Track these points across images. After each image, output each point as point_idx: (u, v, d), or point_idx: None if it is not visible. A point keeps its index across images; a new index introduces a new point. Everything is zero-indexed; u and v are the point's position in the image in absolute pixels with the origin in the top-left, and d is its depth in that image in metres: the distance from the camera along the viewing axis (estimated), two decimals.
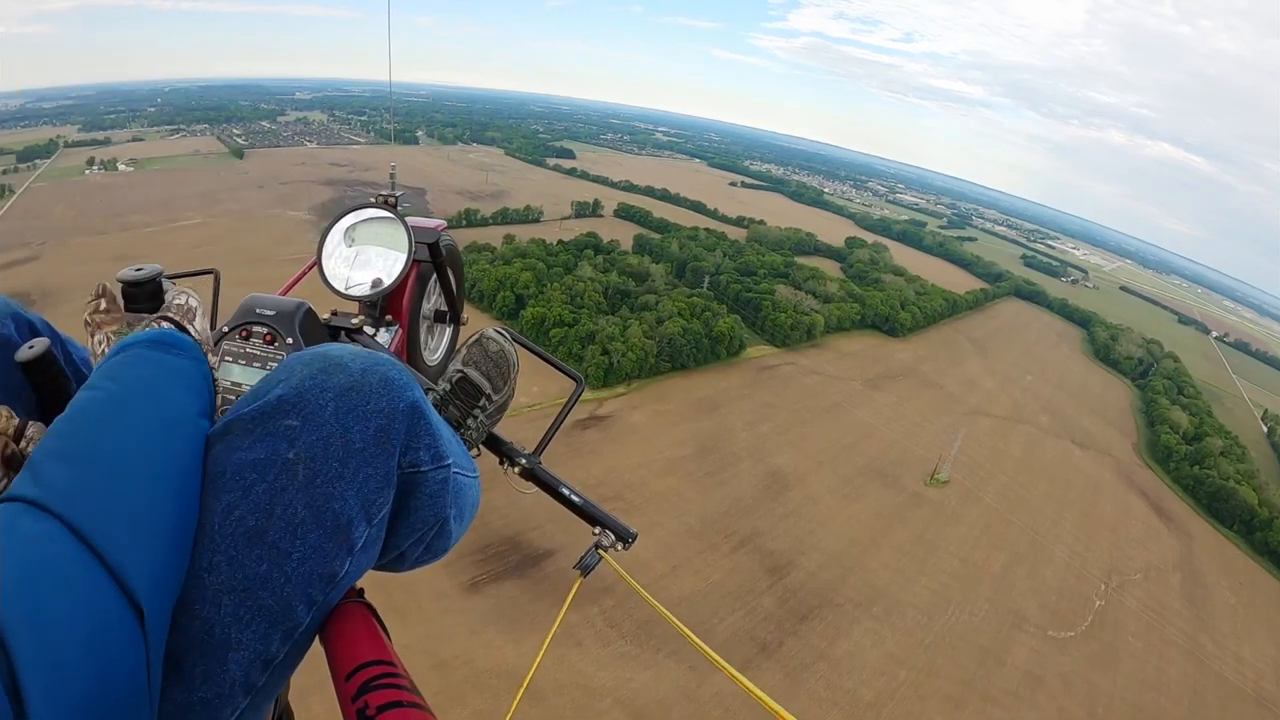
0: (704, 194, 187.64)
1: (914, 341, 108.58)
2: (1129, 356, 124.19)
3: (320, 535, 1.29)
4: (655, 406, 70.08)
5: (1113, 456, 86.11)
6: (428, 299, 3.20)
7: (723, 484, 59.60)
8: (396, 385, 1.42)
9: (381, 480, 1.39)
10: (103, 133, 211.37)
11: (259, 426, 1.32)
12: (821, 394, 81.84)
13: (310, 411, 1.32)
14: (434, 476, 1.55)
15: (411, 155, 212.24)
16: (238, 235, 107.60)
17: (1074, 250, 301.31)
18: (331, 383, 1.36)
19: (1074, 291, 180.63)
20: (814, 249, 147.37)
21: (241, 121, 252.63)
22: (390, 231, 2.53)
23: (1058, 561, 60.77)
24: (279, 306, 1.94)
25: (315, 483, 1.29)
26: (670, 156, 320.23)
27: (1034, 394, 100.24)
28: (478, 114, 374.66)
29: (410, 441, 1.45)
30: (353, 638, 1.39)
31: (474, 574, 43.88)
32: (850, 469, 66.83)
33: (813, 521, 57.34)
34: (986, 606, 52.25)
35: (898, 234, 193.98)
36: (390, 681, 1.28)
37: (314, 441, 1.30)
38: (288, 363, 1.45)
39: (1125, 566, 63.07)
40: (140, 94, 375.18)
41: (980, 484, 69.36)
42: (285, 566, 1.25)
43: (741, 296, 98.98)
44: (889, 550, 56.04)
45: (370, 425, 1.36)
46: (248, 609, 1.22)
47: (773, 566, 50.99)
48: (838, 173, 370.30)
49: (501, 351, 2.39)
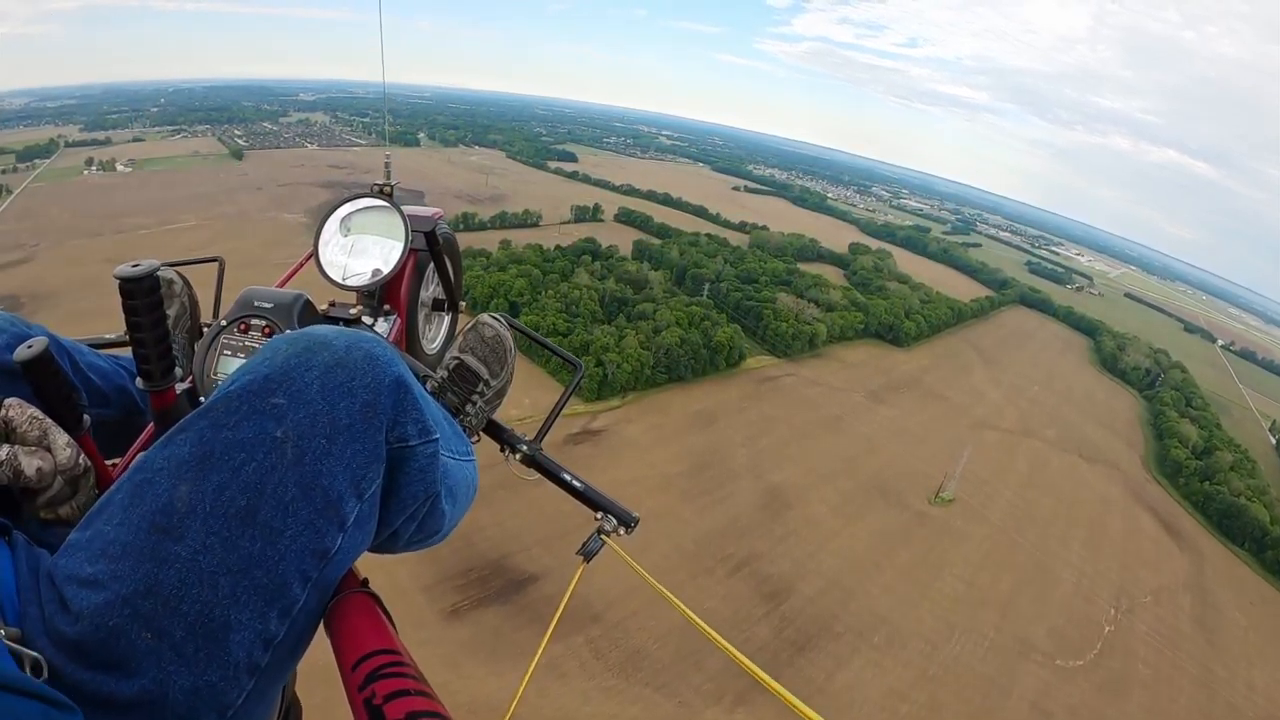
0: (706, 198, 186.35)
1: (918, 351, 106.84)
2: (1136, 366, 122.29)
3: (311, 512, 1.31)
4: (651, 420, 68.27)
5: (1121, 471, 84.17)
6: (425, 287, 3.22)
7: (719, 502, 57.79)
8: (381, 361, 1.44)
9: (369, 455, 1.40)
10: (104, 132, 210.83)
11: (245, 405, 1.33)
12: (823, 406, 79.94)
13: (296, 389, 1.34)
14: (422, 451, 1.56)
15: (412, 157, 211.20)
16: (231, 238, 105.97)
17: (1078, 256, 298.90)
18: (316, 360, 1.38)
19: (1079, 299, 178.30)
20: (817, 255, 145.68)
21: (243, 122, 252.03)
22: (387, 220, 2.57)
23: (1066, 584, 58.91)
24: (277, 299, 2.04)
25: (304, 460, 1.30)
26: (673, 160, 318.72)
27: (1041, 405, 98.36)
28: (481, 116, 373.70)
29: (397, 416, 1.47)
30: (358, 627, 1.41)
31: (455, 600, 41.94)
32: (852, 486, 64.92)
33: (812, 543, 55.44)
34: (992, 634, 50.35)
35: (902, 239, 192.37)
36: (397, 670, 1.29)
37: (301, 419, 1.32)
38: (272, 343, 1.47)
39: (1135, 588, 61.26)
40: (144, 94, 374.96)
41: (986, 501, 67.46)
42: (278, 544, 1.27)
43: (742, 305, 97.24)
44: (891, 573, 54.08)
45: (356, 401, 1.38)
46: (244, 589, 1.23)
47: (770, 592, 49.06)
48: (842, 178, 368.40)
49: (497, 336, 2.39)
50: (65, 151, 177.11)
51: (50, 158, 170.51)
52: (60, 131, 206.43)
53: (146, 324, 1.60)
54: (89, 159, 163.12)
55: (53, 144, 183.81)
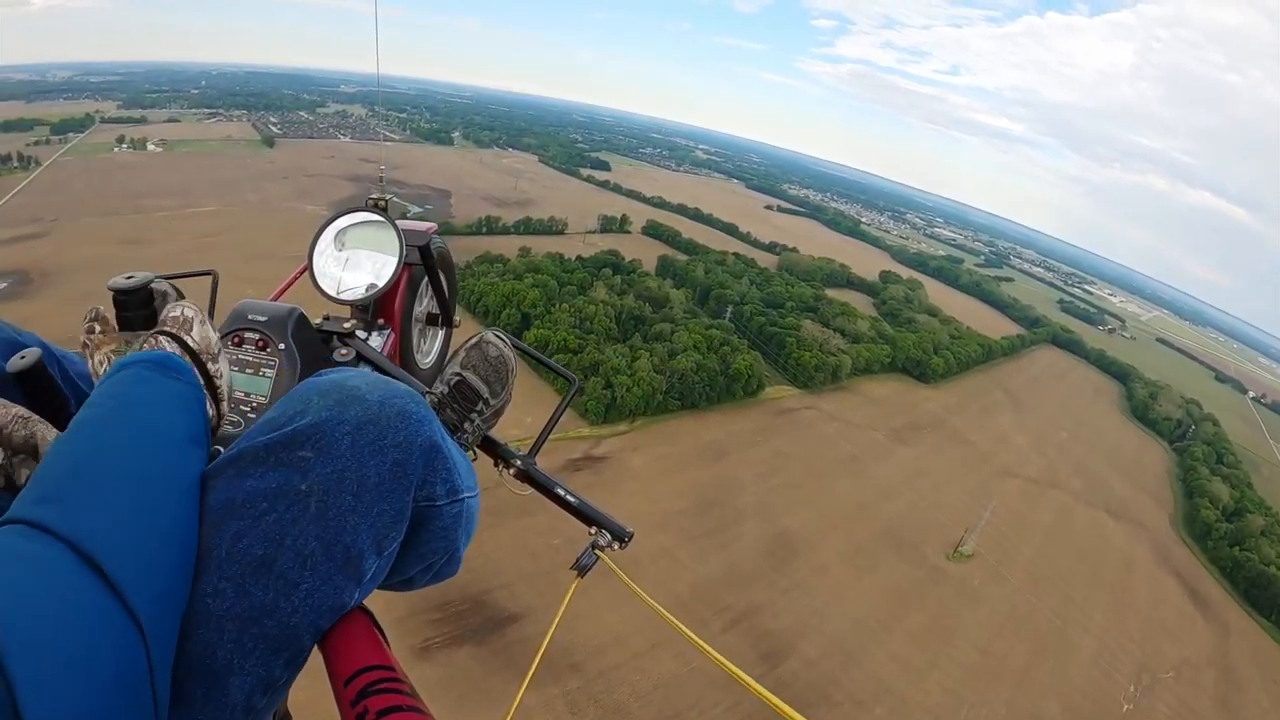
0: (738, 216, 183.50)
1: (945, 389, 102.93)
2: (1168, 418, 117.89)
3: (330, 568, 1.30)
4: (657, 449, 64.90)
5: (1148, 529, 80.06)
6: (419, 302, 3.24)
7: (722, 546, 54.33)
8: (414, 419, 1.43)
9: (395, 514, 1.40)
10: (141, 111, 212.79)
11: (272, 456, 1.33)
12: (840, 444, 76.34)
13: (326, 444, 1.33)
14: (448, 510, 1.58)
15: (443, 156, 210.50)
16: (248, 227, 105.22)
17: (1110, 297, 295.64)
18: (348, 415, 1.36)
19: (1111, 341, 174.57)
20: (846, 281, 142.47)
21: (280, 110, 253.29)
22: (381, 235, 2.60)
23: (1085, 654, 55.08)
24: (271, 312, 2.09)
25: (328, 515, 1.30)
26: (708, 175, 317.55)
27: (1068, 454, 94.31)
28: (518, 119, 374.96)
29: (427, 476, 1.47)
30: (352, 643, 1.39)
31: (427, 635, 39.13)
32: (865, 535, 61.29)
33: (818, 598, 51.75)
34: (1004, 710, 46.56)
35: (934, 270, 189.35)
36: (390, 686, 1.28)
37: (328, 474, 1.31)
38: (303, 393, 1.46)
39: (1156, 662, 57.24)
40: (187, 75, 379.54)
41: (1006, 559, 63.77)
42: (292, 597, 1.26)
43: (765, 330, 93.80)
44: (900, 636, 50.34)
45: (387, 460, 1.37)
46: (251, 637, 1.22)
47: (768, 651, 45.42)
48: (876, 202, 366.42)
49: (501, 357, 2.37)
50: (99, 127, 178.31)
51: (84, 132, 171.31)
52: (98, 107, 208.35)
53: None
54: (120, 136, 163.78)
55: (88, 119, 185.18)
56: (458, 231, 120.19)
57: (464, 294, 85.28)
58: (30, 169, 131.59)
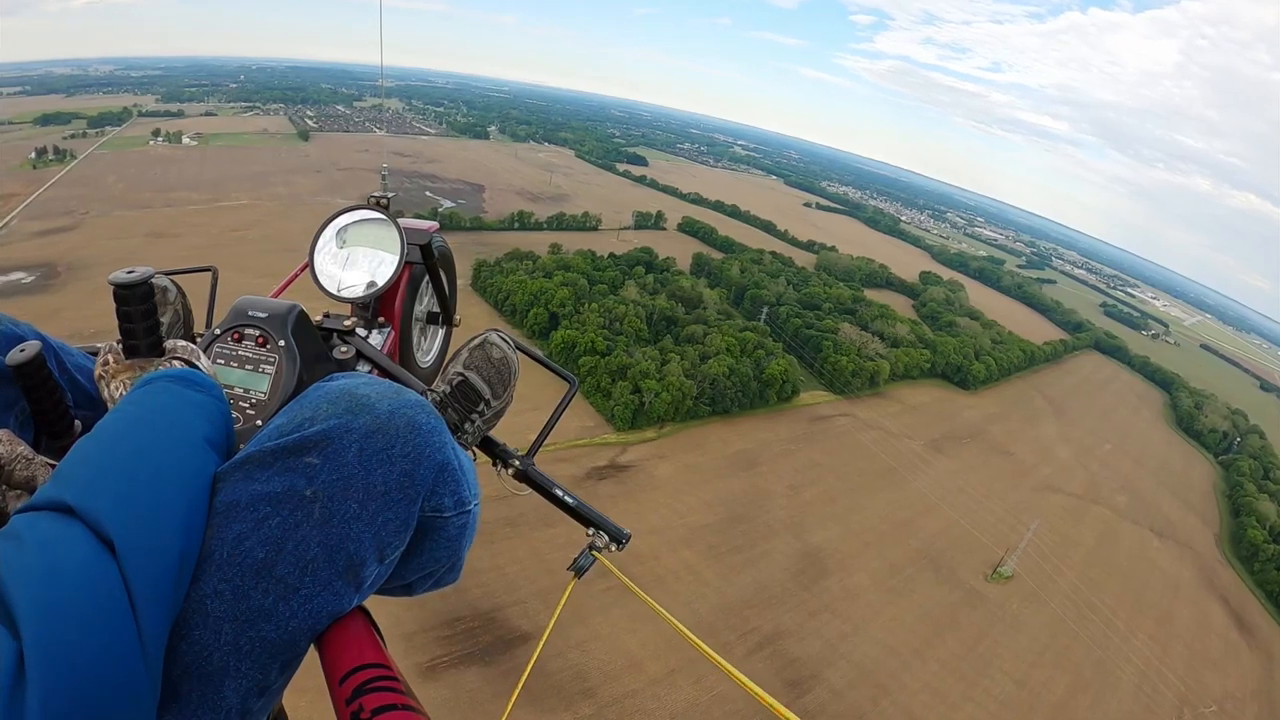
0: (776, 213, 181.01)
1: (985, 396, 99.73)
2: (1214, 429, 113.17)
3: (331, 573, 1.31)
4: (686, 458, 62.68)
5: (1194, 550, 76.20)
6: (420, 301, 3.23)
7: (750, 563, 51.96)
8: (424, 430, 1.44)
9: (400, 524, 1.41)
10: (178, 104, 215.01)
11: (278, 461, 1.34)
12: (878, 455, 73.47)
13: (333, 451, 1.34)
14: (455, 521, 1.59)
15: (478, 150, 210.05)
16: (278, 220, 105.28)
17: (1154, 301, 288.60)
18: (357, 424, 1.38)
19: (1155, 348, 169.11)
20: (885, 282, 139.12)
21: (317, 104, 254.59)
22: (383, 233, 2.59)
23: (1126, 686, 51.95)
24: (271, 309, 2.07)
25: (331, 522, 1.31)
26: (746, 171, 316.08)
27: (1112, 468, 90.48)
28: (555, 113, 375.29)
29: (435, 487, 1.48)
30: (348, 641, 1.39)
31: (435, 654, 37.36)
32: (900, 555, 58.60)
33: (849, 621, 49.19)
34: None
35: (975, 271, 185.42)
36: (386, 685, 1.28)
37: (334, 481, 1.32)
38: (313, 399, 1.47)
39: (1199, 694, 53.77)
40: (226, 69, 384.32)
41: (1047, 581, 60.70)
42: (291, 601, 1.27)
43: (801, 333, 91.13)
44: (934, 665, 47.63)
45: (394, 470, 1.38)
46: (248, 639, 1.23)
47: (793, 679, 43.02)
48: (916, 201, 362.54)
49: (505, 359, 2.40)
50: (136, 121, 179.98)
51: (121, 126, 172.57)
52: (137, 100, 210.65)
53: (140, 330, 1.63)
54: (156, 130, 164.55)
55: (126, 112, 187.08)
56: (489, 227, 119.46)
57: (490, 292, 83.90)
58: (66, 162, 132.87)
